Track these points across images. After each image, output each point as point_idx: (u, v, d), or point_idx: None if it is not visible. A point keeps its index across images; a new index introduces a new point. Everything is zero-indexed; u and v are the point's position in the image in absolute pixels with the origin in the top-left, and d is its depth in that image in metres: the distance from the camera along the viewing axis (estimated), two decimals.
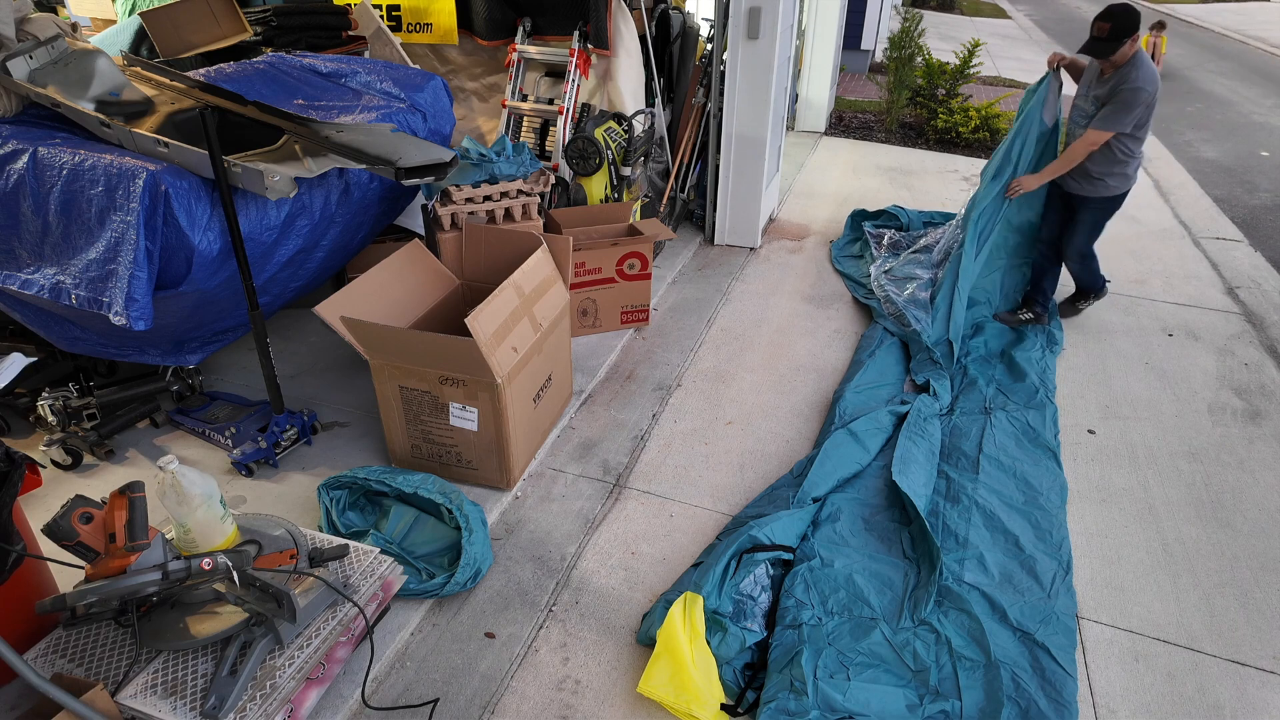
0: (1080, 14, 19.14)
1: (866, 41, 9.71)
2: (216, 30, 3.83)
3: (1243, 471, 3.01)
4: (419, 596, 2.30)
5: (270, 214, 2.61)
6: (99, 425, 2.88)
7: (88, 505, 1.80)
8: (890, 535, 2.58)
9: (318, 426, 3.04)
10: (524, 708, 2.07)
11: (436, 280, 3.04)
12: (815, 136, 7.43)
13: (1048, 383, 3.42)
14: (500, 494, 2.74)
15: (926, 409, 3.12)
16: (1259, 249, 5.13)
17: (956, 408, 3.25)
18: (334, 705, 2.01)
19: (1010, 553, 2.53)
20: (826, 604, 2.29)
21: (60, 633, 1.94)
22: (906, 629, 2.23)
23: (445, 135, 3.38)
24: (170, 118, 2.65)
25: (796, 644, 2.16)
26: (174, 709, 1.74)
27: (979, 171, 6.38)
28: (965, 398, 3.32)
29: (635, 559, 2.55)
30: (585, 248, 3.52)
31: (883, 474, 2.85)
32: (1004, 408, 3.23)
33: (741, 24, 4.19)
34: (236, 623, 1.85)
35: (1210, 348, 3.86)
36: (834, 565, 2.41)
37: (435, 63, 4.70)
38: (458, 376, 2.50)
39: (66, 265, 2.38)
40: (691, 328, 3.95)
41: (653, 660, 2.10)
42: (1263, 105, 9.55)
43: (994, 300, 4.03)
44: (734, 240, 4.88)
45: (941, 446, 3.01)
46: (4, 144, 2.43)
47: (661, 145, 4.79)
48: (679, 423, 3.23)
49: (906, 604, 2.31)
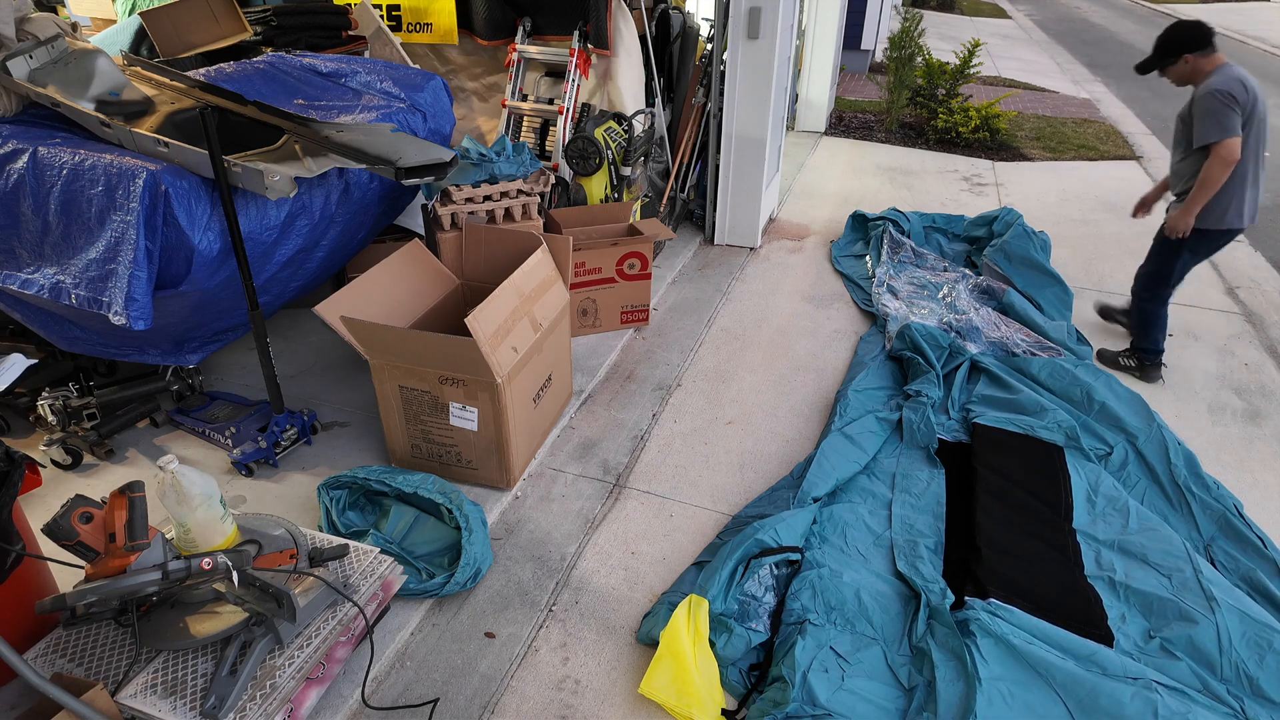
0: (1080, 14, 19.14)
1: (866, 41, 9.71)
2: (216, 30, 3.83)
3: (1243, 471, 3.00)
4: (419, 596, 2.30)
5: (270, 214, 2.61)
6: (99, 425, 2.88)
7: (88, 505, 1.80)
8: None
9: (318, 426, 3.04)
10: (524, 708, 2.07)
11: (436, 280, 3.04)
12: (815, 136, 7.43)
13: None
14: (500, 494, 2.74)
15: (916, 480, 2.87)
16: (1259, 249, 5.12)
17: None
18: (334, 705, 2.00)
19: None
20: (831, 615, 2.28)
21: (60, 632, 1.94)
22: (904, 654, 2.20)
23: (445, 135, 3.38)
24: (170, 117, 2.65)
25: (796, 637, 2.17)
26: (174, 709, 1.74)
27: (979, 172, 6.41)
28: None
29: (635, 559, 2.55)
30: (585, 248, 3.52)
31: (887, 480, 2.85)
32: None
33: (741, 24, 4.19)
34: (236, 622, 1.84)
35: (1210, 348, 3.86)
36: (842, 578, 2.36)
37: (435, 63, 4.70)
38: (458, 376, 2.50)
39: (66, 265, 2.37)
40: (691, 328, 3.95)
41: (655, 661, 2.10)
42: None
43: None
44: (734, 240, 4.88)
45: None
46: (4, 144, 2.42)
47: (661, 145, 4.79)
48: (679, 423, 3.23)
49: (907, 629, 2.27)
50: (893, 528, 2.63)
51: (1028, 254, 4.12)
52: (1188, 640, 2.19)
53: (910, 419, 3.08)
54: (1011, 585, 2.36)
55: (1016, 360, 3.47)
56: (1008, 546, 2.52)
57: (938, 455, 2.96)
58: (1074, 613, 2.28)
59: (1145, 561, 2.46)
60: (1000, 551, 2.49)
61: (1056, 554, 2.50)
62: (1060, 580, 2.40)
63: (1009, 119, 7.40)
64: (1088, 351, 3.70)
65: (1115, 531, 2.58)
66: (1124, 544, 2.52)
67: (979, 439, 3.00)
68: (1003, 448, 2.95)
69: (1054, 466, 2.84)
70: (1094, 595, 2.35)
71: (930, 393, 3.19)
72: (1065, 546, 2.53)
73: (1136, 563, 2.46)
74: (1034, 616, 2.22)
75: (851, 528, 2.60)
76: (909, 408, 3.12)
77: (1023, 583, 2.38)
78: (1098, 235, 4.16)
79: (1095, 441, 3.03)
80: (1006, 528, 2.59)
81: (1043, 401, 3.16)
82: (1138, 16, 18.97)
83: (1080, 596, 2.35)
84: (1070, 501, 2.70)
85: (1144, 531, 2.55)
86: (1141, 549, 2.49)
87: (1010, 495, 2.73)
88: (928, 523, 2.65)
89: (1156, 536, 2.52)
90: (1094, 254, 4.13)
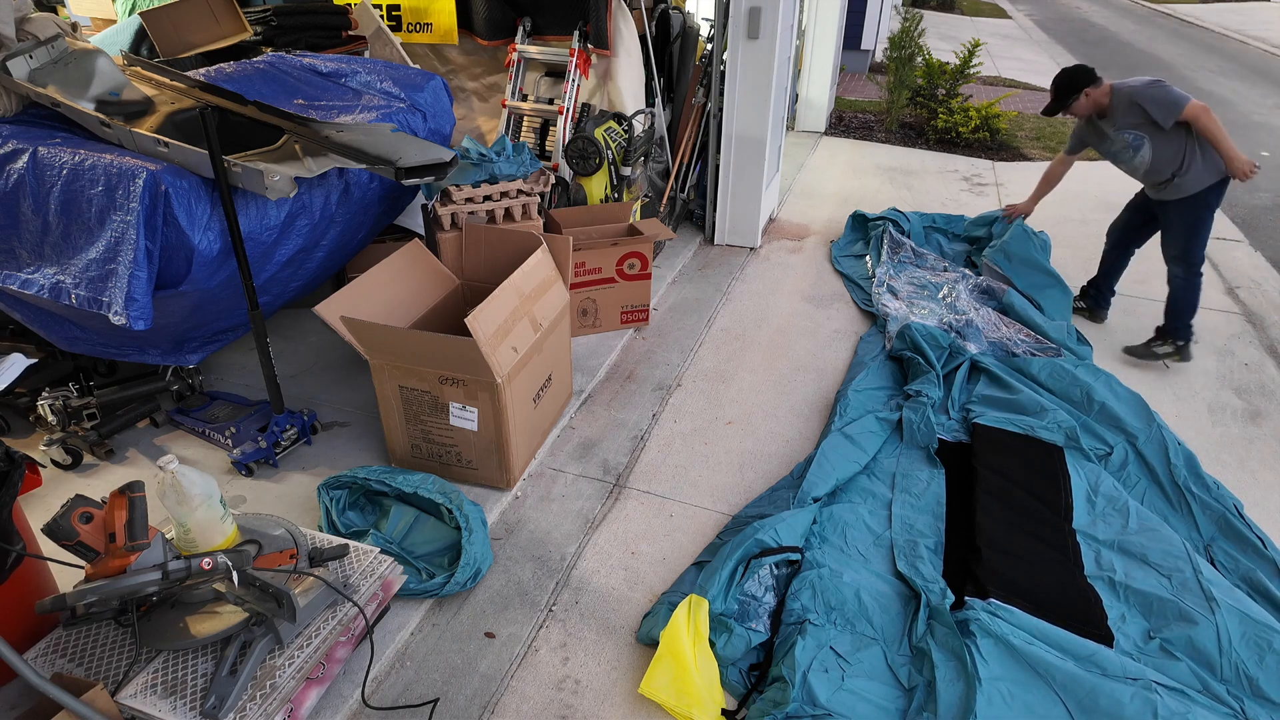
0: (1080, 14, 19.15)
1: (866, 41, 9.71)
2: (216, 30, 3.83)
3: (1243, 471, 3.00)
4: (419, 596, 2.30)
5: (270, 214, 2.61)
6: (99, 425, 2.88)
7: (88, 505, 1.80)
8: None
9: (318, 426, 3.04)
10: (524, 708, 2.07)
11: (436, 280, 3.04)
12: (815, 136, 7.43)
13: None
14: (500, 494, 2.74)
15: (916, 479, 2.87)
16: (1259, 249, 5.12)
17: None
18: (334, 705, 2.01)
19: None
20: (831, 615, 2.28)
21: (60, 632, 1.94)
22: (904, 654, 2.20)
23: (445, 135, 3.38)
24: (170, 117, 2.65)
25: (796, 637, 2.17)
26: (174, 709, 1.74)
27: (979, 172, 6.41)
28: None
29: (635, 559, 2.55)
30: (585, 248, 3.52)
31: (888, 481, 2.84)
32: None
33: (741, 24, 4.19)
34: (236, 622, 1.84)
35: (1210, 348, 3.86)
36: (842, 578, 2.36)
37: (435, 63, 4.70)
38: (458, 376, 2.50)
39: (66, 265, 2.37)
40: (691, 328, 3.95)
41: (655, 661, 2.10)
42: (1263, 105, 9.55)
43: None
44: (734, 240, 4.88)
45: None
46: (4, 144, 2.42)
47: (661, 145, 4.79)
48: (679, 423, 3.23)
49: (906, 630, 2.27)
50: (893, 528, 2.62)
51: (1028, 254, 4.12)
52: (1187, 640, 2.19)
53: (910, 419, 3.07)
54: (1011, 585, 2.36)
55: (1016, 360, 3.47)
56: (1008, 546, 2.52)
57: (938, 455, 2.96)
58: (1074, 613, 2.28)
59: (1145, 562, 2.46)
60: (1000, 551, 2.49)
61: (1056, 554, 2.50)
62: (1060, 580, 2.40)
63: (1009, 119, 7.40)
64: (1088, 352, 3.70)
65: (1115, 532, 2.58)
66: (1124, 544, 2.52)
67: (979, 439, 3.00)
68: (1003, 448, 2.95)
69: (1054, 467, 2.84)
70: (1094, 595, 2.35)
71: (930, 393, 3.19)
72: (1065, 547, 2.53)
73: (1136, 563, 2.46)
74: (1034, 616, 2.22)
75: (851, 528, 2.60)
76: (909, 408, 3.12)
77: (1023, 583, 2.38)
78: (1098, 235, 4.17)
79: (1095, 442, 3.03)
80: (1006, 528, 2.59)
81: (1043, 402, 3.16)
82: (1138, 16, 18.98)
83: (1080, 597, 2.35)
84: (1070, 502, 2.70)
85: (1144, 532, 2.55)
86: (1141, 549, 2.49)
87: (1010, 495, 2.73)
88: (928, 523, 2.65)
89: (1156, 537, 2.52)
90: (1094, 254, 4.14)
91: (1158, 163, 3.52)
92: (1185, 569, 2.39)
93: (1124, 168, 3.70)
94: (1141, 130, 3.50)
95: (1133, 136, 3.53)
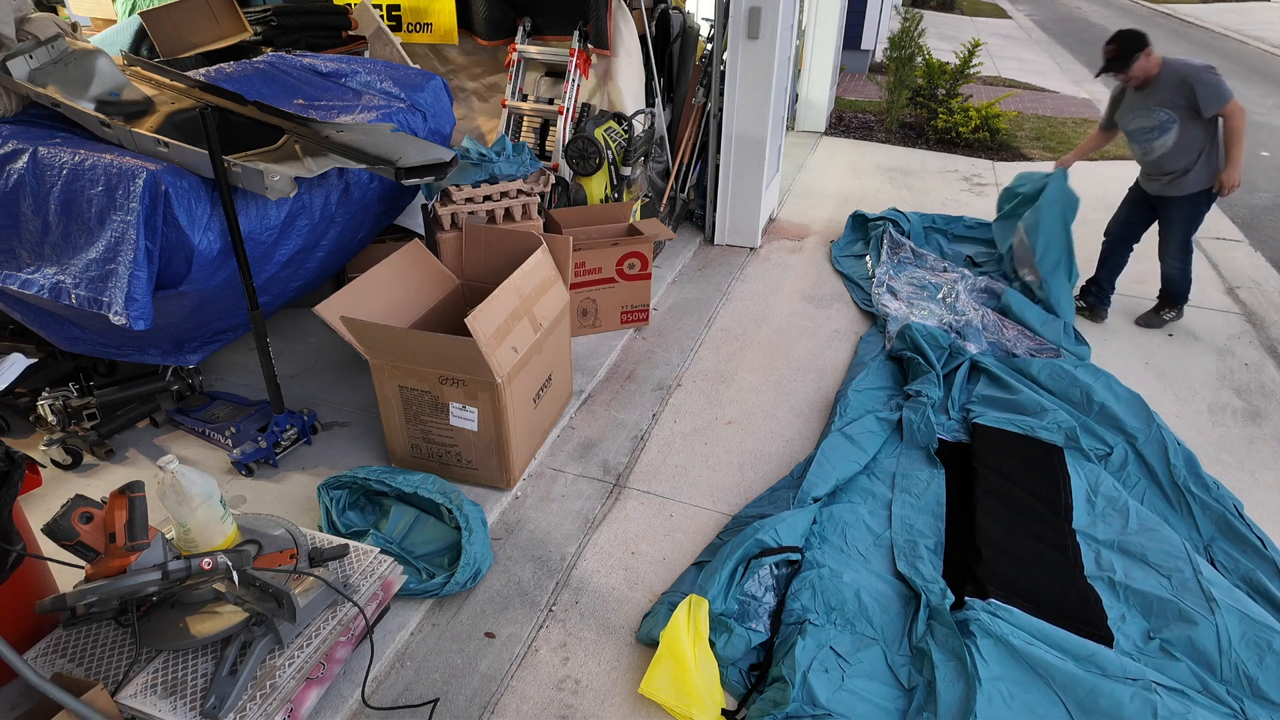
0: (1080, 14, 19.15)
1: (866, 41, 9.71)
2: (216, 30, 3.83)
3: (1243, 471, 3.00)
4: (419, 596, 2.30)
5: (270, 214, 2.61)
6: (99, 425, 2.88)
7: (88, 505, 1.80)
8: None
9: (318, 426, 3.04)
10: (524, 708, 2.07)
11: (436, 280, 3.04)
12: (815, 136, 7.43)
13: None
14: (500, 494, 2.74)
15: (916, 479, 2.87)
16: (1259, 249, 5.13)
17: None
18: (334, 705, 2.01)
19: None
20: (831, 615, 2.28)
21: (60, 632, 1.94)
22: (904, 655, 2.20)
23: (445, 135, 3.38)
24: (170, 117, 2.65)
25: (796, 637, 2.17)
26: (174, 709, 1.74)
27: (979, 172, 6.41)
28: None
29: (635, 559, 2.55)
30: (585, 248, 3.52)
31: (888, 481, 2.84)
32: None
33: (741, 24, 4.19)
34: (236, 622, 1.84)
35: (1210, 348, 3.86)
36: (842, 578, 2.36)
37: (435, 63, 4.70)
38: (458, 376, 2.50)
39: (66, 265, 2.37)
40: (691, 328, 3.95)
41: (655, 661, 2.10)
42: (1263, 105, 9.56)
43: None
44: (734, 240, 4.88)
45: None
46: (4, 144, 2.42)
47: (661, 145, 4.79)
48: (679, 423, 3.23)
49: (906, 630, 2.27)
50: (893, 528, 2.62)
51: (1069, 202, 4.01)
52: (1187, 641, 2.19)
53: (910, 419, 3.07)
54: (1011, 585, 2.36)
55: (1016, 361, 3.47)
56: (1008, 547, 2.52)
57: (938, 455, 2.96)
58: (1074, 613, 2.28)
59: (1145, 562, 2.46)
60: (1000, 552, 2.49)
61: (1056, 554, 2.50)
62: (1060, 580, 2.40)
63: (1009, 119, 7.40)
64: (1086, 352, 3.70)
65: (1115, 532, 2.58)
66: (1124, 544, 2.52)
67: (979, 439, 3.00)
68: (1003, 448, 2.95)
69: (1054, 467, 2.84)
70: (1094, 595, 2.35)
71: (930, 393, 3.19)
72: (1065, 547, 2.53)
73: (1136, 563, 2.46)
74: (1034, 617, 2.22)
75: (851, 528, 2.60)
76: (909, 408, 3.12)
77: (1023, 583, 2.38)
78: (1098, 235, 4.18)
79: (1095, 442, 3.03)
80: (1006, 528, 2.59)
81: (1043, 402, 3.16)
82: (1138, 17, 18.98)
83: (1080, 597, 2.35)
84: (1070, 502, 2.70)
85: (1144, 532, 2.55)
86: (1141, 549, 2.49)
87: (1010, 495, 2.73)
88: (928, 523, 2.65)
89: (1156, 537, 2.52)
90: (1094, 253, 4.15)
91: (1176, 151, 3.55)
92: (1185, 569, 2.39)
93: (1137, 149, 3.72)
94: (1176, 113, 3.52)
95: (1166, 117, 3.55)
